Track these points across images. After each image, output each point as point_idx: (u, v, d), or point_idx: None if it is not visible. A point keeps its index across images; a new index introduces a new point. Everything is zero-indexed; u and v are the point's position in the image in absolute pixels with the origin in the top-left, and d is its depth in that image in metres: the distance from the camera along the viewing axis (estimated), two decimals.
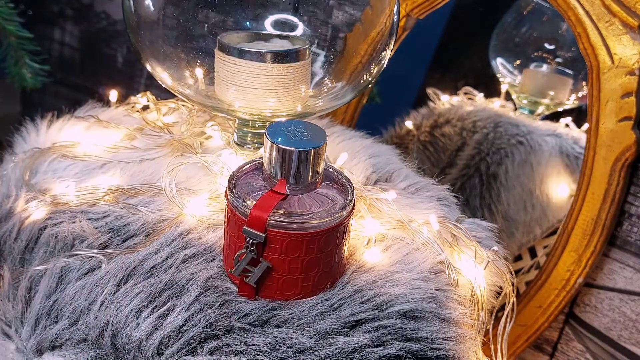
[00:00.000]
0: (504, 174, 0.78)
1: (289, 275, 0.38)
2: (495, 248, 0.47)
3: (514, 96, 0.81)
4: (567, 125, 0.78)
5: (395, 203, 0.47)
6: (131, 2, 0.49)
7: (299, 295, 0.40)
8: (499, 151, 0.78)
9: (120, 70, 1.11)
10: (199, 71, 0.51)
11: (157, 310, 0.39)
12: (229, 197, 0.38)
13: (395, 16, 0.51)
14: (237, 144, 0.52)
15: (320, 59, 0.53)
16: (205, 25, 0.51)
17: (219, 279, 0.40)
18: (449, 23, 0.84)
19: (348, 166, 0.54)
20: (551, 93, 0.77)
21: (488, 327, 0.46)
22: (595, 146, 0.59)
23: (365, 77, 0.52)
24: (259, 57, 0.47)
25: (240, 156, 0.50)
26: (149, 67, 0.51)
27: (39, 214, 0.46)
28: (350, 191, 0.40)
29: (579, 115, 0.77)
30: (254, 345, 0.38)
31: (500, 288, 0.47)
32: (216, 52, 0.49)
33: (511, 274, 0.47)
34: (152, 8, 0.50)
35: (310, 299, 0.40)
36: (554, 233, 0.71)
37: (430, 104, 0.87)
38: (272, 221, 0.37)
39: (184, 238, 0.43)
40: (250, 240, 0.37)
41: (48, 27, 1.16)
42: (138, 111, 0.59)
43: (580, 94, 0.76)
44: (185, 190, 0.46)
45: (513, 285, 0.47)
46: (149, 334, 0.38)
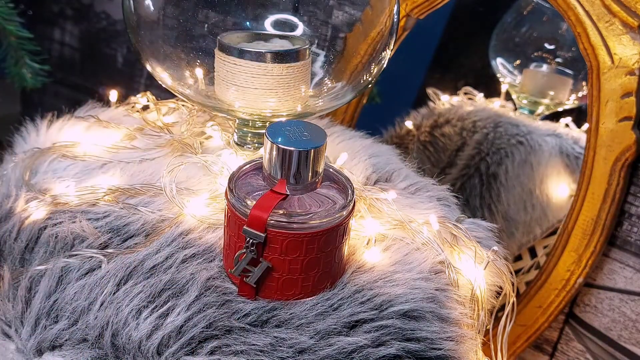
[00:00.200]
0: (504, 174, 0.78)
1: (289, 275, 0.38)
2: (495, 248, 0.47)
3: (514, 96, 0.81)
4: (567, 125, 0.78)
5: (395, 203, 0.47)
6: (131, 2, 0.49)
7: (299, 295, 0.40)
8: (499, 151, 0.78)
9: (120, 70, 1.11)
10: (199, 71, 0.51)
11: (157, 310, 0.39)
12: (229, 197, 0.38)
13: (395, 16, 0.51)
14: (237, 144, 0.52)
15: (320, 59, 0.53)
16: (205, 25, 0.51)
17: (219, 279, 0.40)
18: (449, 23, 0.84)
19: (348, 166, 0.54)
20: (551, 93, 0.77)
21: (488, 327, 0.46)
22: (595, 146, 0.59)
23: (365, 77, 0.52)
24: (259, 57, 0.47)
25: (240, 156, 0.50)
26: (149, 67, 0.51)
27: (39, 214, 0.46)
28: (350, 191, 0.40)
29: (579, 115, 0.77)
30: (254, 345, 0.38)
31: (500, 288, 0.47)
32: (216, 52, 0.49)
33: (511, 274, 0.47)
34: (152, 8, 0.50)
35: (310, 299, 0.40)
36: (554, 233, 0.71)
37: (430, 104, 0.87)
38: (272, 221, 0.37)
39: (184, 238, 0.43)
40: (250, 240, 0.37)
41: (48, 27, 1.16)
42: (138, 111, 0.59)
43: (580, 94, 0.76)
44: (185, 190, 0.46)
45: (513, 285, 0.47)
46: (149, 334, 0.38)
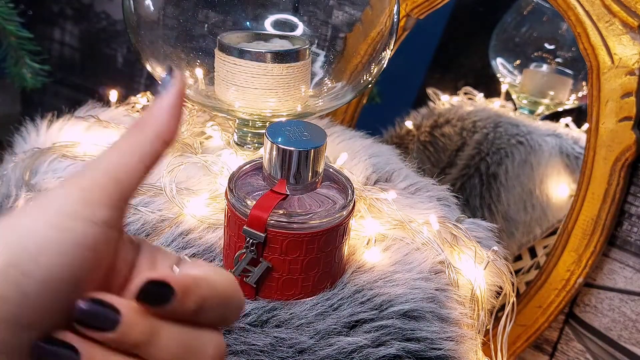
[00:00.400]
0: (504, 174, 0.78)
1: (289, 275, 0.38)
2: (495, 248, 0.47)
3: (514, 96, 0.81)
4: (567, 125, 0.78)
5: (395, 203, 0.47)
6: (131, 2, 0.49)
7: (299, 295, 0.40)
8: (499, 151, 0.78)
9: (120, 70, 1.11)
10: (199, 71, 0.51)
11: None
12: (229, 197, 0.38)
13: (395, 16, 0.51)
14: (237, 144, 0.52)
15: (320, 59, 0.53)
16: (205, 25, 0.51)
17: None
18: (449, 23, 0.84)
19: (348, 166, 0.53)
20: (551, 93, 0.77)
21: (488, 327, 0.46)
22: (595, 146, 0.59)
23: (365, 77, 0.52)
24: (259, 57, 0.47)
25: (240, 156, 0.50)
26: (149, 67, 0.51)
27: None
28: (350, 191, 0.40)
29: (579, 115, 0.77)
30: (254, 345, 0.38)
31: (500, 288, 0.47)
32: (216, 52, 0.49)
33: (511, 274, 0.47)
34: (152, 8, 0.50)
35: (310, 299, 0.40)
36: (554, 233, 0.71)
37: (430, 104, 0.87)
38: (272, 221, 0.37)
39: (184, 238, 0.43)
40: (250, 240, 0.37)
41: (48, 27, 1.16)
42: (138, 111, 0.59)
43: (580, 94, 0.76)
44: (185, 190, 0.46)
45: (513, 285, 0.47)
46: None
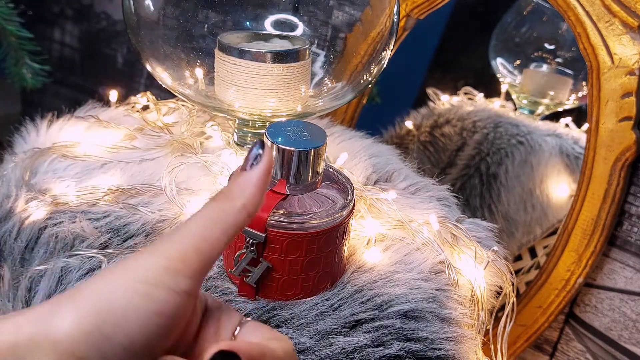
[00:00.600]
0: (504, 174, 0.78)
1: (289, 275, 0.38)
2: (495, 248, 0.47)
3: (514, 96, 0.81)
4: (567, 125, 0.78)
5: (395, 203, 0.47)
6: (131, 3, 0.49)
7: (299, 296, 0.40)
8: (499, 151, 0.78)
9: (120, 70, 1.11)
10: (199, 71, 0.51)
11: None
12: None
13: (395, 16, 0.51)
14: (237, 144, 0.52)
15: (320, 59, 0.53)
16: (205, 25, 0.51)
17: (219, 279, 0.40)
18: (449, 23, 0.84)
19: (348, 166, 0.53)
20: (551, 93, 0.77)
21: (488, 327, 0.46)
22: (595, 146, 0.59)
23: (365, 77, 0.52)
24: (259, 57, 0.47)
25: (240, 156, 0.50)
26: (149, 67, 0.51)
27: (39, 214, 0.46)
28: (350, 191, 0.40)
29: (579, 115, 0.77)
30: None
31: (500, 288, 0.47)
32: (216, 52, 0.49)
33: (511, 274, 0.47)
34: (152, 8, 0.50)
35: (310, 299, 0.40)
36: (554, 233, 0.71)
37: (430, 104, 0.87)
38: (272, 221, 0.37)
39: None
40: (250, 240, 0.37)
41: (48, 27, 1.16)
42: (138, 111, 0.59)
43: (580, 94, 0.76)
44: (185, 190, 0.46)
45: (513, 285, 0.47)
46: None
